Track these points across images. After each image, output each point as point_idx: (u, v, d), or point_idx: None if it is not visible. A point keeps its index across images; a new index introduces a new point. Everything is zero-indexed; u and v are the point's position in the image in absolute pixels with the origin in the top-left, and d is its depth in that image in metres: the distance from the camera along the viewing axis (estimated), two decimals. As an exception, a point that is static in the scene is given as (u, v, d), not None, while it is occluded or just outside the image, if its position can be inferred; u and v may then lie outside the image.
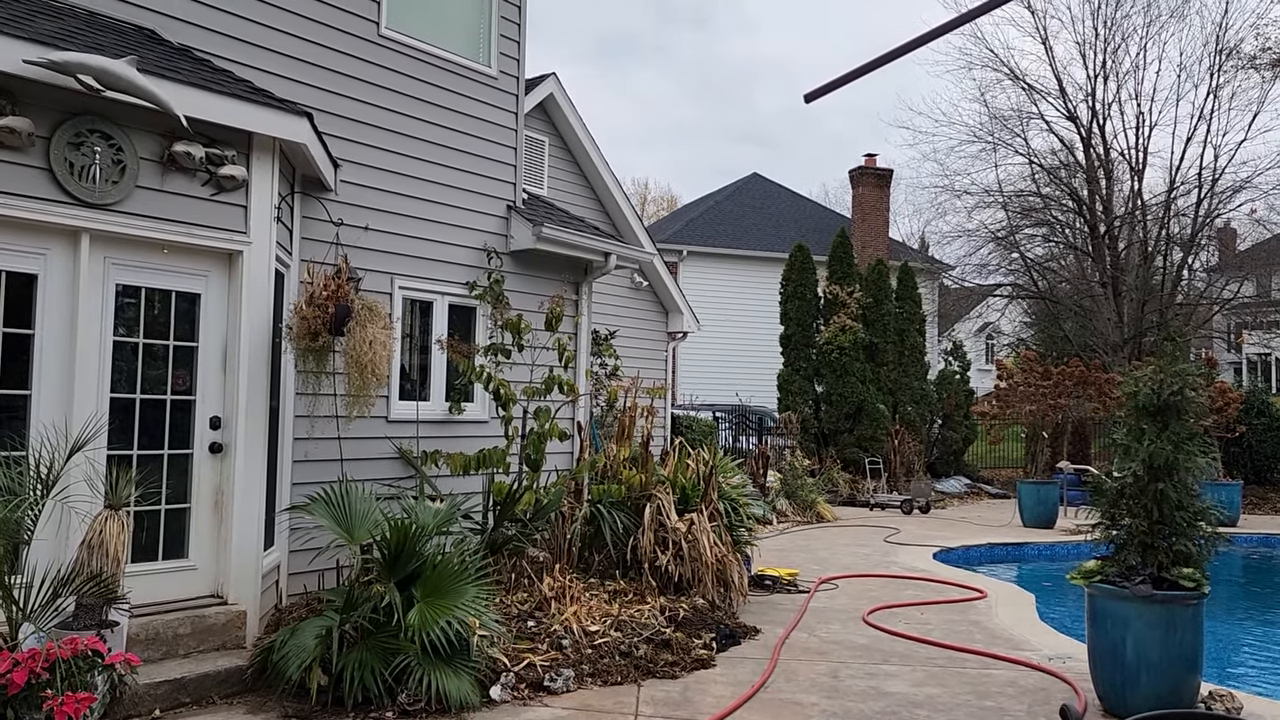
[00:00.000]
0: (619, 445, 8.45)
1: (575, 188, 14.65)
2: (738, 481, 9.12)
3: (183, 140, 5.66)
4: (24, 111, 5.13)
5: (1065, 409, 16.95)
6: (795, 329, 19.72)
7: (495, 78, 8.93)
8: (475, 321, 8.70)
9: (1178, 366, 5.63)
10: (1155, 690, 5.15)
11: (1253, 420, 19.23)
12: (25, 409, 5.20)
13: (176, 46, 6.41)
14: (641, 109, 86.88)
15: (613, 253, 9.65)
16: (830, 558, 11.03)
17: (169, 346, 5.82)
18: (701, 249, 26.78)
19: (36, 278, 5.26)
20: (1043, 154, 25.31)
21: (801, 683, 5.90)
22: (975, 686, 5.88)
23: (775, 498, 14.99)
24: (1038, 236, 26.17)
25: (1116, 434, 5.86)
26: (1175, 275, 24.01)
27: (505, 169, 9.00)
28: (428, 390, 8.32)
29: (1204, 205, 23.21)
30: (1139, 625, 5.23)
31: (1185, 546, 5.42)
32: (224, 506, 5.91)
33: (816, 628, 7.42)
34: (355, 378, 6.39)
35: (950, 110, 55.14)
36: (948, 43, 26.50)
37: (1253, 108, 23.40)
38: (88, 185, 5.33)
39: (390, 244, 7.90)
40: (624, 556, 7.60)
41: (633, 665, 5.94)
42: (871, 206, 26.14)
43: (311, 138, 6.30)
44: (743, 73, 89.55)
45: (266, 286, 6.11)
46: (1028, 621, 7.84)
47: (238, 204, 6.01)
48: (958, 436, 21.38)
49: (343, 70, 7.60)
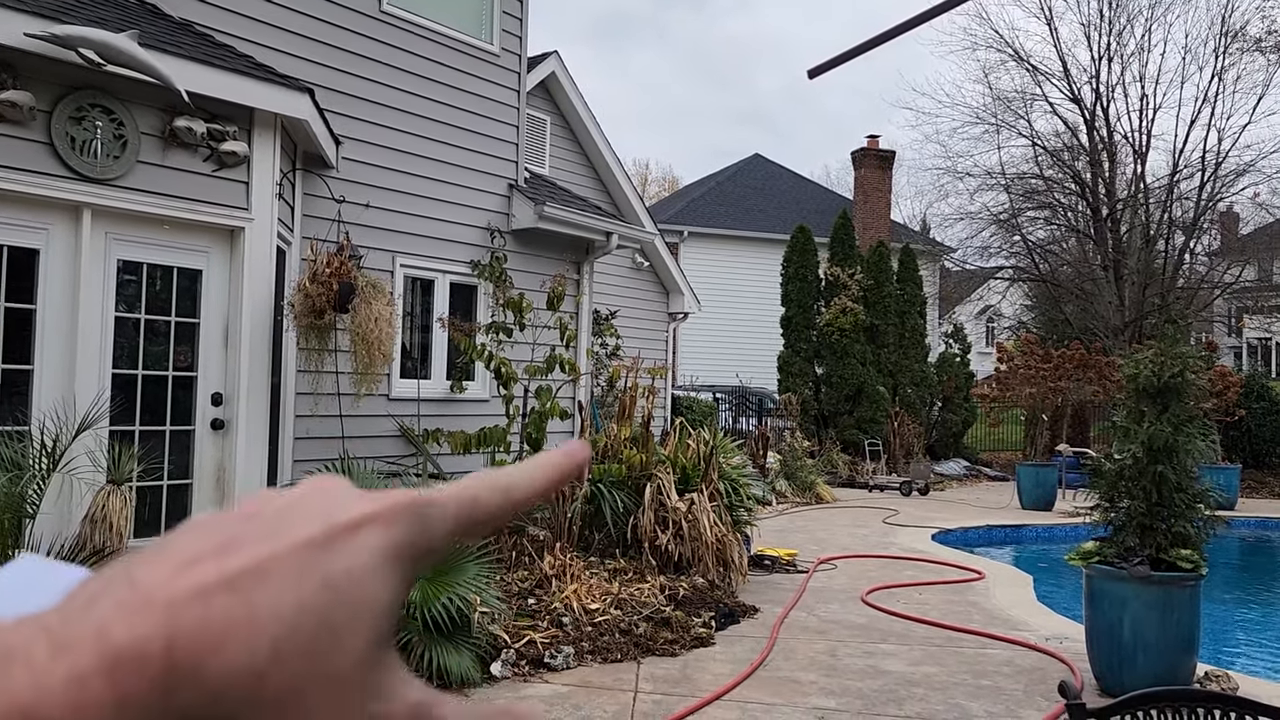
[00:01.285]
0: (620, 425, 8.46)
1: (577, 167, 14.61)
2: (738, 462, 9.14)
3: (184, 115, 5.64)
4: (25, 85, 5.11)
5: (1065, 392, 16.97)
6: (796, 310, 19.70)
7: (497, 55, 8.88)
8: (476, 300, 8.70)
9: (1178, 349, 5.64)
10: (1152, 670, 5.19)
11: (1252, 404, 19.25)
12: (28, 384, 5.21)
13: (178, 21, 6.38)
14: (639, 91, 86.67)
15: (614, 232, 9.63)
16: (829, 538, 11.07)
17: (171, 323, 5.82)
18: (703, 230, 26.72)
19: (38, 253, 5.26)
20: (1046, 136, 25.23)
21: (800, 661, 5.93)
22: (972, 666, 5.92)
23: (775, 479, 15.03)
24: (1040, 219, 26.12)
25: (1116, 416, 5.87)
26: (1177, 259, 23.97)
27: (507, 147, 8.97)
28: (429, 369, 8.32)
29: (1207, 189, 23.15)
30: (1136, 606, 5.26)
31: (1184, 528, 5.44)
32: (226, 483, 5.93)
33: (815, 607, 7.46)
34: (363, 355, 6.40)
35: (954, 91, 55.05)
36: (953, 23, 26.40)
37: (1257, 91, 23.26)
38: (89, 160, 5.32)
39: (392, 222, 7.88)
40: (624, 535, 7.63)
41: (633, 643, 5.98)
42: (874, 188, 26.07)
43: (313, 114, 6.28)
44: (742, 53, 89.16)
45: (268, 263, 6.11)
46: (1025, 602, 7.88)
47: (239, 180, 6.00)
48: (957, 419, 21.40)
49: (344, 46, 7.56)
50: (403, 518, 0.32)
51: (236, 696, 0.28)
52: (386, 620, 0.31)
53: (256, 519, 0.31)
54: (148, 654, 0.27)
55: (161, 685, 0.27)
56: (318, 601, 0.29)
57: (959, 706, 5.12)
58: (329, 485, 0.34)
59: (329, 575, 0.30)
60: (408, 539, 0.32)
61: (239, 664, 0.28)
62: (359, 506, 0.32)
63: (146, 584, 0.29)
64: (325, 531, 0.31)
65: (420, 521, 0.33)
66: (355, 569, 0.30)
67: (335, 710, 0.30)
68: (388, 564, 0.31)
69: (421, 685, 0.33)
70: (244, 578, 0.29)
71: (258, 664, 0.28)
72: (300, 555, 0.30)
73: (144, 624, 0.27)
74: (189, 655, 0.27)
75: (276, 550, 0.30)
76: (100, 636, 0.27)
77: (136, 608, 0.28)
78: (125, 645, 0.27)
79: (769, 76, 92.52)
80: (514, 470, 0.36)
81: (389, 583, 0.31)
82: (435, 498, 0.34)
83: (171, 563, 0.29)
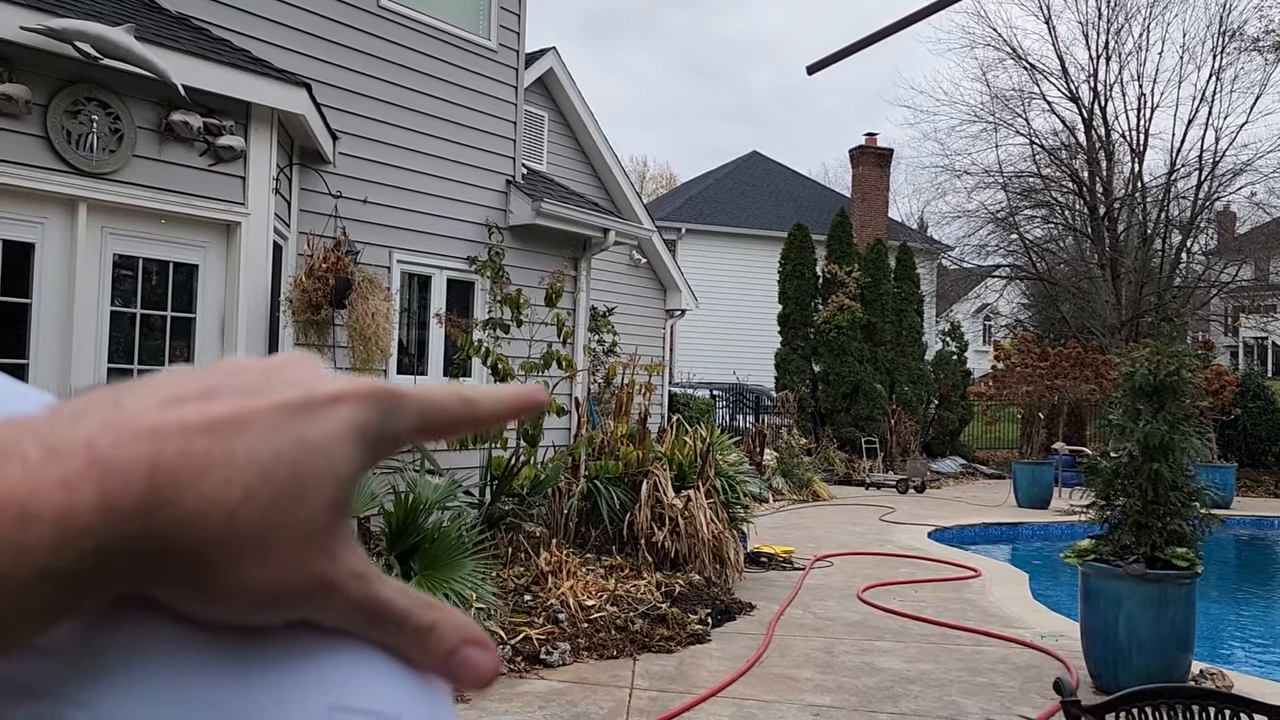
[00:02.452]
0: (616, 422, 8.45)
1: (574, 164, 14.59)
2: (734, 459, 9.14)
3: (181, 110, 5.63)
4: (21, 79, 5.09)
5: (1061, 390, 16.98)
6: (793, 308, 19.70)
7: (495, 51, 8.87)
8: (474, 296, 8.69)
9: (1174, 348, 5.64)
10: (1147, 668, 5.19)
11: (1248, 403, 19.28)
12: (23, 379, 5.18)
13: (175, 15, 6.36)
14: (631, 88, 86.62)
15: (612, 229, 9.63)
16: (826, 536, 11.08)
17: (167, 318, 5.81)
18: (700, 227, 26.70)
19: (34, 247, 5.24)
20: (1044, 134, 25.26)
21: (796, 658, 5.94)
22: (968, 663, 5.93)
23: (772, 476, 15.04)
24: (1037, 218, 26.14)
25: (1112, 414, 5.87)
26: (1174, 258, 24.00)
27: (504, 143, 8.96)
28: (425, 364, 8.32)
29: (1204, 188, 23.18)
30: (1132, 604, 5.27)
31: (1179, 526, 5.44)
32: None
33: (811, 604, 7.47)
34: (360, 350, 6.40)
35: (952, 89, 55.00)
36: (951, 21, 26.39)
37: (1254, 90, 23.30)
38: (85, 154, 5.30)
39: (389, 217, 7.87)
40: (620, 532, 7.63)
41: (628, 640, 5.98)
42: (871, 186, 26.06)
43: (310, 108, 6.27)
44: (741, 52, 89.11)
45: (264, 258, 6.10)
46: (1021, 600, 7.89)
47: (236, 175, 5.99)
48: (954, 417, 21.43)
49: (341, 41, 7.55)
50: (374, 402, 0.34)
51: (207, 530, 0.30)
52: (346, 490, 0.33)
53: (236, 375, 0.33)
54: (133, 472, 0.29)
55: (143, 503, 0.29)
56: (290, 456, 0.31)
57: (954, 704, 5.13)
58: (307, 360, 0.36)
59: (303, 436, 0.32)
60: (375, 421, 0.34)
61: (214, 497, 0.30)
62: (337, 384, 0.34)
63: (133, 410, 0.30)
64: (304, 398, 0.33)
65: (389, 409, 0.35)
66: (327, 435, 0.32)
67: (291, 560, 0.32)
68: (355, 439, 0.33)
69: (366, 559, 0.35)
70: (226, 423, 0.31)
71: (231, 501, 0.30)
72: (279, 413, 0.32)
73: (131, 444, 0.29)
74: (169, 481, 0.29)
75: (256, 405, 0.32)
76: (90, 447, 0.29)
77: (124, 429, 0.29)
78: (113, 459, 0.29)
79: (768, 75, 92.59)
80: (480, 388, 0.38)
81: (353, 456, 0.33)
82: (404, 391, 0.35)
83: (157, 396, 0.31)
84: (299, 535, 0.31)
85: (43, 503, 0.27)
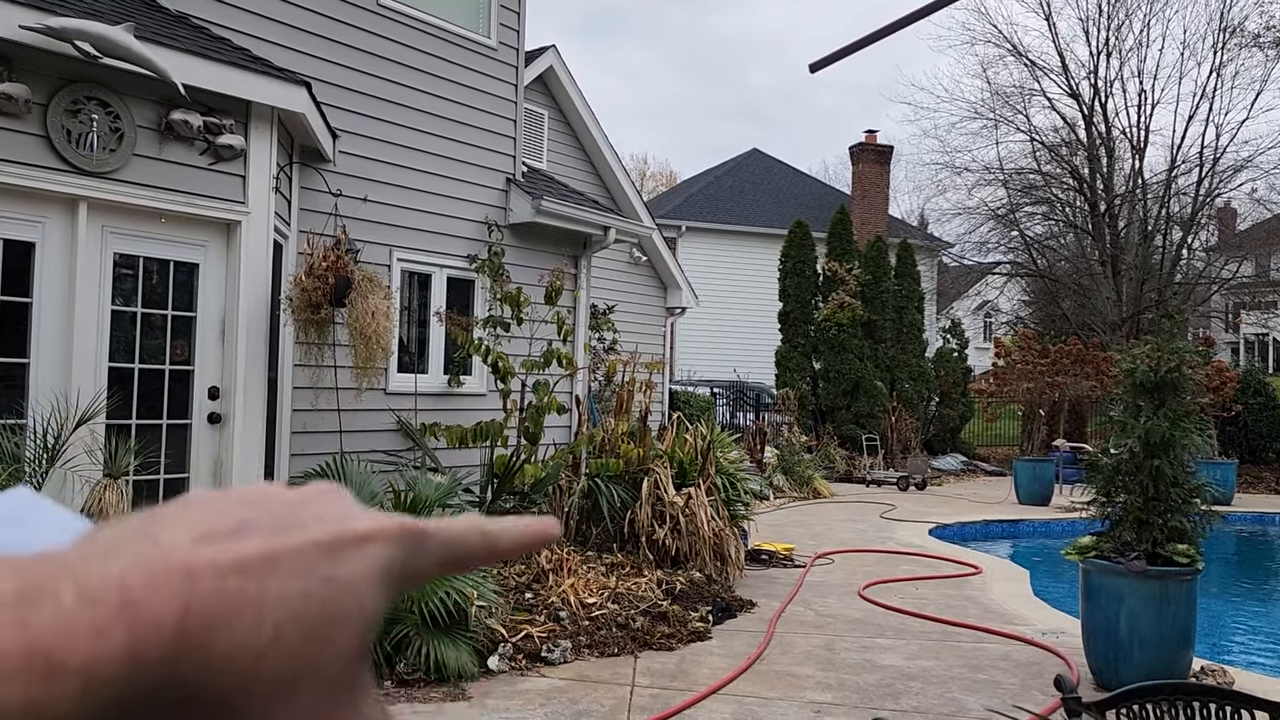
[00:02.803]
0: (617, 419, 8.45)
1: (575, 161, 14.58)
2: (735, 457, 9.14)
3: (180, 108, 5.62)
4: (20, 78, 5.09)
5: (1062, 387, 16.98)
6: (794, 306, 19.70)
7: (495, 49, 8.86)
8: (474, 294, 8.69)
9: (1175, 344, 5.64)
10: (1148, 665, 5.19)
11: (1249, 400, 19.27)
12: (24, 377, 5.20)
13: (174, 14, 6.36)
14: (631, 86, 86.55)
15: (612, 227, 9.63)
16: (826, 533, 11.08)
17: (167, 316, 5.81)
18: (700, 224, 26.68)
19: (34, 246, 5.24)
20: (1044, 131, 25.23)
21: (797, 655, 5.94)
22: (969, 660, 5.93)
23: (772, 474, 15.04)
24: (1038, 214, 26.13)
25: (1113, 411, 5.87)
26: (1174, 254, 23.99)
27: (504, 141, 8.96)
28: (426, 363, 8.32)
29: (1204, 184, 23.16)
30: (1133, 601, 5.27)
31: (1180, 523, 5.44)
32: (222, 476, 5.93)
33: (812, 602, 7.47)
34: (361, 349, 6.39)
35: (952, 86, 54.90)
36: (951, 18, 26.34)
37: (1255, 86, 23.26)
38: (85, 153, 5.30)
39: (389, 215, 7.87)
40: (621, 530, 7.63)
41: (629, 637, 5.98)
42: (871, 183, 26.04)
43: (310, 107, 6.27)
44: (735, 49, 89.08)
45: (265, 257, 6.10)
46: (1022, 597, 7.89)
47: (236, 174, 5.99)
48: (954, 414, 21.42)
49: (341, 39, 7.54)
50: (402, 540, 0.34)
51: (235, 674, 0.29)
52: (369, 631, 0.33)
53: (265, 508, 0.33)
54: (164, 617, 0.28)
55: (171, 650, 0.28)
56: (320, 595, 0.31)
57: (955, 700, 5.13)
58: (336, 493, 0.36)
59: (332, 575, 0.32)
60: (401, 560, 0.34)
61: (243, 641, 0.29)
62: (367, 521, 0.34)
63: (166, 543, 0.30)
64: (335, 537, 0.33)
65: (415, 547, 0.35)
66: (356, 575, 0.32)
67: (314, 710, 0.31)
68: (381, 578, 0.33)
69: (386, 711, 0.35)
70: (257, 562, 0.30)
71: (260, 644, 0.29)
72: (310, 552, 0.32)
73: (164, 587, 0.29)
74: (201, 625, 0.29)
75: (288, 544, 0.32)
76: (123, 590, 0.28)
77: (158, 569, 0.29)
78: (145, 604, 0.28)
79: (768, 72, 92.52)
80: (500, 522, 0.39)
81: (378, 596, 0.33)
82: (430, 529, 0.36)
83: (190, 532, 0.31)
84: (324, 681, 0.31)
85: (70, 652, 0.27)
